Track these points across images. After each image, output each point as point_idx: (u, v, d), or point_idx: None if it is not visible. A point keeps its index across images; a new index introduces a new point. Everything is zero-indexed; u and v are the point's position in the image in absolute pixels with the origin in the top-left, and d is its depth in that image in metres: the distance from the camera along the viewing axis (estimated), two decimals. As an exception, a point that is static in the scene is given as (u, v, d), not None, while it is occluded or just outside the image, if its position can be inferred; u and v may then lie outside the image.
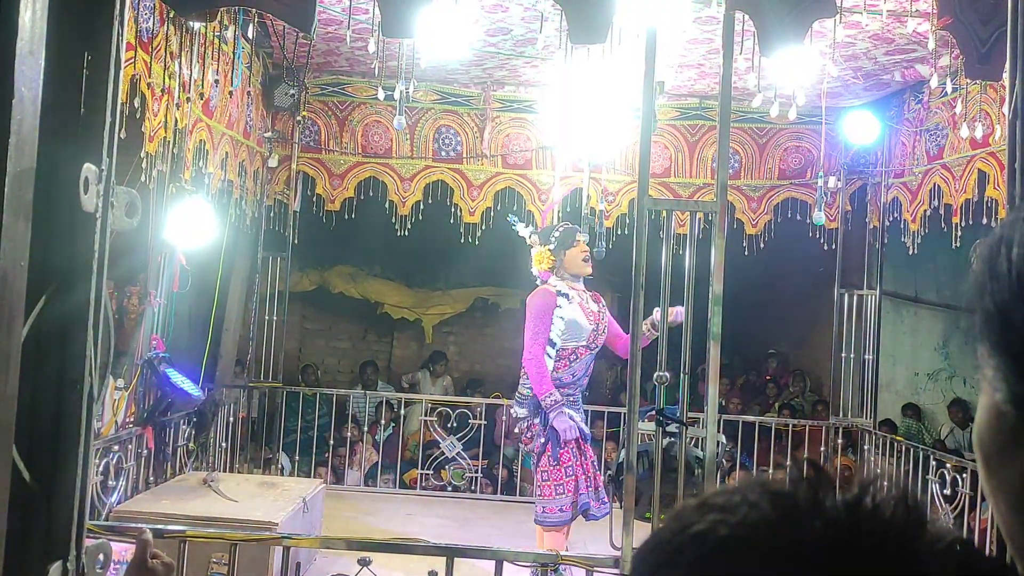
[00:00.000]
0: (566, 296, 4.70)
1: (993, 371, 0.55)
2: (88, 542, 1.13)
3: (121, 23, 1.13)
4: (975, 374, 0.58)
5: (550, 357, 4.62)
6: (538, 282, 4.90)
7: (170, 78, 4.68)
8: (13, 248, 0.92)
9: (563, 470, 4.56)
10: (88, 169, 1.07)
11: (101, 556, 1.16)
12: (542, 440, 4.60)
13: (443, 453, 7.36)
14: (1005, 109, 2.09)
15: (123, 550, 1.71)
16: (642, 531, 3.28)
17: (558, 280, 4.77)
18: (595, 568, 3.00)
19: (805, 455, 7.07)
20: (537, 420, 4.62)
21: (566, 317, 4.65)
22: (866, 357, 7.18)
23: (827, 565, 0.49)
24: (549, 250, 4.78)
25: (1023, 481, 0.54)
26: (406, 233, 7.06)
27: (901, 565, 0.49)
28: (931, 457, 5.99)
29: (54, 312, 1.03)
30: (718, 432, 3.52)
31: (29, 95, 0.94)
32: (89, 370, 1.08)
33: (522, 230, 5.04)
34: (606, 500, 4.66)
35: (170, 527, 3.21)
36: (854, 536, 0.50)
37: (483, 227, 7.07)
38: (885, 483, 0.52)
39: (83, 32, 1.09)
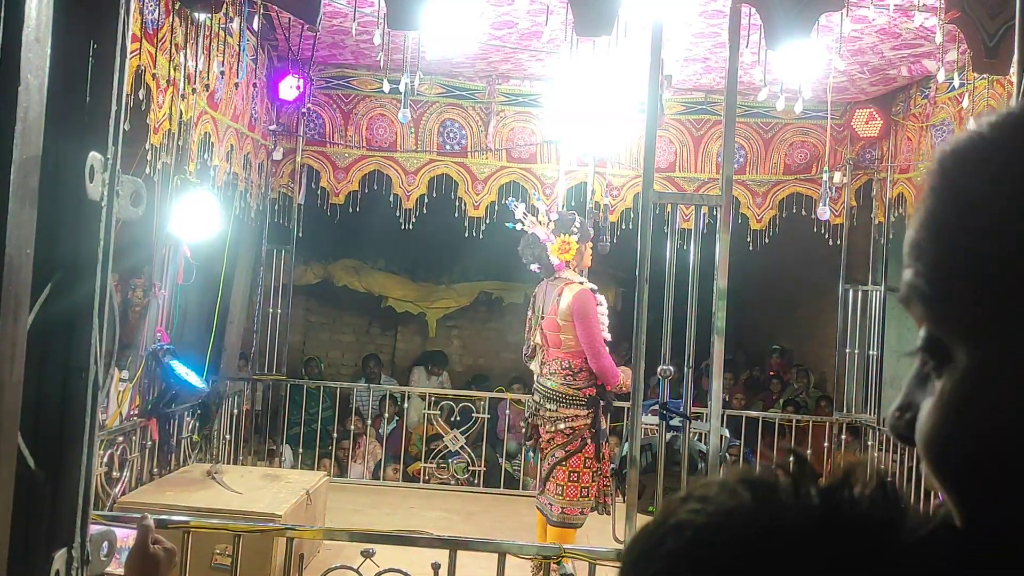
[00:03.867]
0: (597, 291, 4.70)
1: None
2: (93, 529, 1.14)
3: (127, 11, 1.13)
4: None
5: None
6: (542, 273, 4.81)
7: (175, 70, 4.68)
8: (19, 236, 0.92)
9: (590, 474, 4.53)
10: (94, 158, 1.07)
11: (106, 543, 1.16)
12: (584, 439, 4.54)
13: (446, 447, 7.38)
14: (1012, 104, 2.08)
15: (126, 536, 1.72)
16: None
17: (574, 274, 4.73)
18: (598, 562, 3.01)
19: (809, 451, 7.09)
20: (585, 422, 4.56)
21: (604, 313, 4.65)
22: (870, 353, 7.16)
23: (803, 551, 0.49)
24: (575, 240, 4.68)
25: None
26: (410, 227, 7.05)
27: (878, 552, 0.49)
28: (935, 453, 5.98)
29: (60, 300, 1.03)
30: (721, 426, 3.52)
31: (35, 83, 0.94)
32: (95, 358, 1.08)
33: (519, 211, 4.87)
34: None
35: (174, 518, 3.21)
36: (830, 523, 0.50)
37: (487, 221, 7.07)
38: (867, 472, 0.52)
39: (89, 20, 1.09)
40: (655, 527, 0.54)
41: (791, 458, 0.54)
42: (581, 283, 4.66)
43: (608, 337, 4.67)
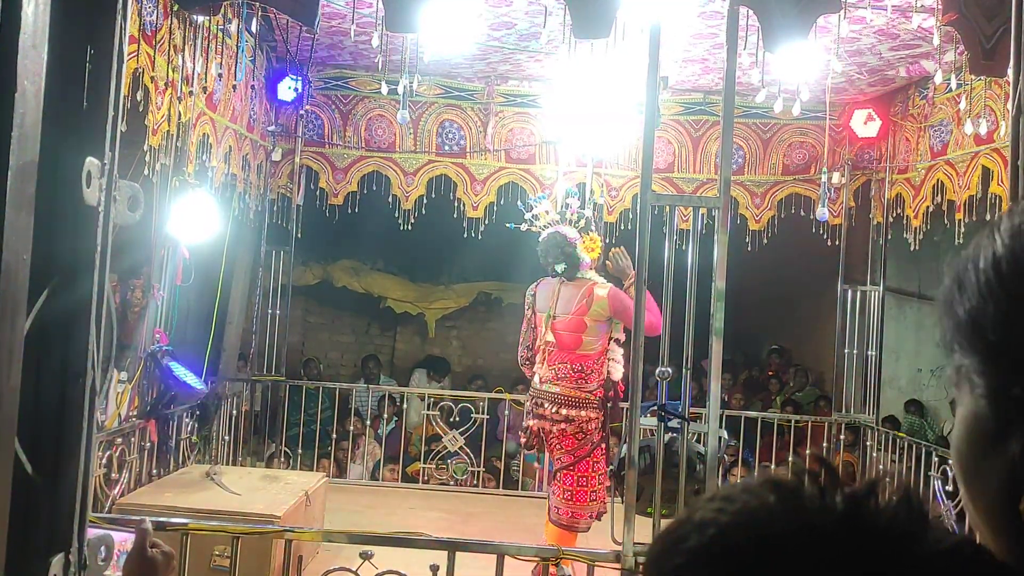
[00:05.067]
0: None
1: (971, 372, 0.57)
2: (90, 534, 1.14)
3: (124, 17, 1.13)
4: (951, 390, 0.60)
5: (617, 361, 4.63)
6: (567, 273, 4.76)
7: (173, 71, 4.68)
8: (15, 241, 0.93)
9: (597, 477, 4.52)
10: (91, 163, 1.07)
11: (103, 548, 1.16)
12: (594, 442, 4.52)
13: (445, 447, 7.38)
14: (1009, 105, 2.08)
15: (124, 540, 1.72)
16: (643, 527, 3.29)
17: (595, 274, 4.74)
18: (596, 563, 3.01)
19: (808, 451, 7.09)
20: (596, 425, 4.53)
21: None
22: (869, 353, 7.17)
23: (824, 554, 0.50)
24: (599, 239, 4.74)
25: (999, 490, 0.54)
26: (409, 227, 7.06)
27: (899, 562, 0.50)
28: (933, 453, 5.99)
29: (56, 306, 1.04)
30: (720, 428, 3.52)
31: (32, 89, 0.94)
32: (91, 363, 1.09)
33: (544, 205, 4.85)
34: None
35: (173, 520, 3.22)
36: (854, 530, 0.50)
37: (486, 222, 7.07)
38: (890, 482, 0.53)
39: (86, 26, 1.09)
40: (679, 524, 0.55)
41: (817, 464, 0.55)
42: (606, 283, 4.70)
43: (621, 338, 4.68)
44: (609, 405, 4.64)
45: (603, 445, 4.58)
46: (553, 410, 4.57)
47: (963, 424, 0.58)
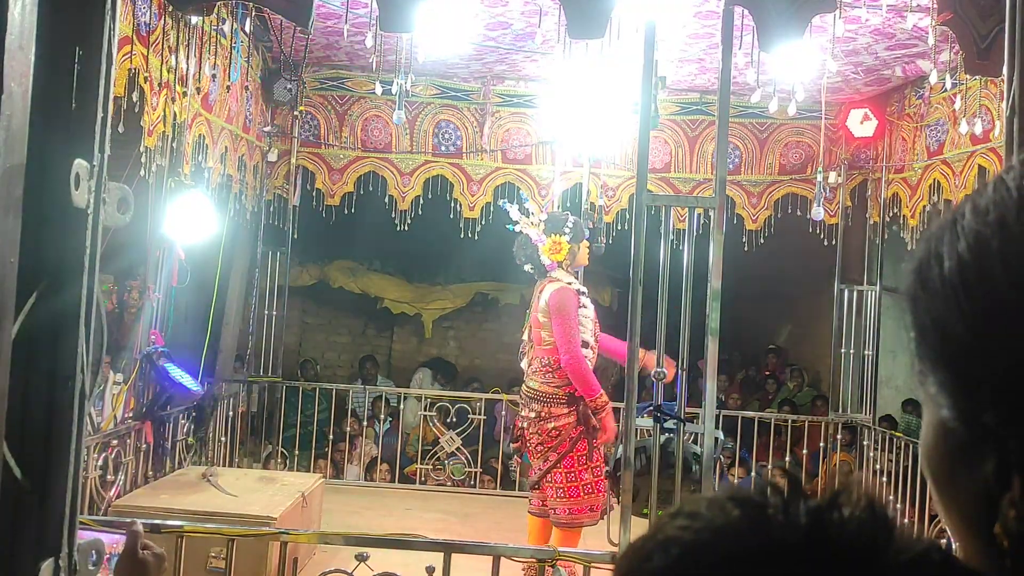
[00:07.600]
0: (584, 294, 4.66)
1: (936, 388, 0.54)
2: (82, 536, 1.13)
3: (113, 17, 1.13)
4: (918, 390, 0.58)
5: (589, 360, 4.54)
6: (535, 273, 4.78)
7: (168, 72, 4.66)
8: (3, 244, 0.92)
9: (591, 471, 4.51)
10: (79, 165, 1.06)
11: (94, 553, 1.15)
12: (572, 437, 4.50)
13: (442, 448, 7.37)
14: (1004, 105, 2.08)
15: (116, 542, 1.71)
16: (639, 527, 3.28)
17: (564, 274, 4.70)
18: (592, 564, 3.00)
19: (805, 451, 7.08)
20: (569, 420, 4.51)
21: (589, 316, 4.60)
22: (866, 353, 7.17)
23: (788, 571, 0.49)
24: (566, 241, 4.66)
25: (972, 499, 0.53)
26: (406, 228, 7.05)
27: (863, 573, 0.49)
28: (930, 453, 5.98)
29: (45, 309, 1.03)
30: (716, 428, 3.52)
31: (19, 90, 0.94)
32: (81, 367, 1.08)
33: (513, 212, 4.83)
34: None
35: (168, 522, 3.21)
36: (818, 544, 0.50)
37: (483, 222, 7.06)
38: (857, 491, 0.52)
39: (74, 26, 1.08)
40: (643, 543, 0.54)
41: (782, 476, 0.54)
42: (568, 283, 4.63)
43: (591, 341, 4.58)
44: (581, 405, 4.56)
45: (584, 440, 4.52)
46: (534, 407, 4.57)
47: (932, 430, 0.56)
